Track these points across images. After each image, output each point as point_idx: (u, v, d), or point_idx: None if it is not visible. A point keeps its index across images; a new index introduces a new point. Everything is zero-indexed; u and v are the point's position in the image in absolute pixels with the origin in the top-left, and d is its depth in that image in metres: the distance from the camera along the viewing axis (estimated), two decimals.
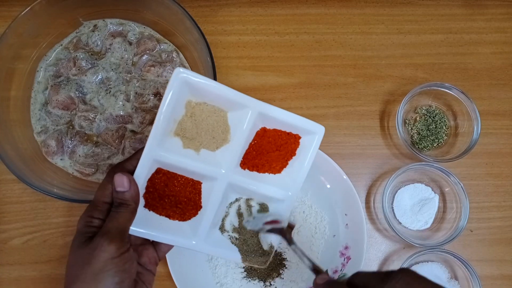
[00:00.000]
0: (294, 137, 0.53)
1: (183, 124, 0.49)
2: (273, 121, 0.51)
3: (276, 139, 0.53)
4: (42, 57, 0.66)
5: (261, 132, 0.52)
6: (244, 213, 0.54)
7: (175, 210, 0.51)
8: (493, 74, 0.73)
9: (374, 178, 0.69)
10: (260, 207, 0.54)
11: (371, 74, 0.72)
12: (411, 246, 0.67)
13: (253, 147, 0.52)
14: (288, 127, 0.52)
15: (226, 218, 0.54)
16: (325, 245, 0.66)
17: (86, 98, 0.65)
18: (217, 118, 0.50)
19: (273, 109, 0.50)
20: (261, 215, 0.55)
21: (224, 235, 0.54)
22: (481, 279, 0.63)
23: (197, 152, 0.50)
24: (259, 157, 0.53)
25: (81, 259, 0.42)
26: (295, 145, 0.53)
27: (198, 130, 0.50)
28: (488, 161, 0.70)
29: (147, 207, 0.50)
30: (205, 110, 0.49)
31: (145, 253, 0.49)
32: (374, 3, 0.74)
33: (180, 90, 0.46)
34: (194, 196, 0.52)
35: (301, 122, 0.52)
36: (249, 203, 0.54)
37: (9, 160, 0.57)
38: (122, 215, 0.45)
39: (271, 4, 0.73)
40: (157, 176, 0.50)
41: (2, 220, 0.66)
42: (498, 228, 0.69)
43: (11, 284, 0.64)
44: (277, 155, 0.53)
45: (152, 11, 0.66)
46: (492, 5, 0.75)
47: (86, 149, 0.63)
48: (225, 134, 0.51)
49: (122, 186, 0.45)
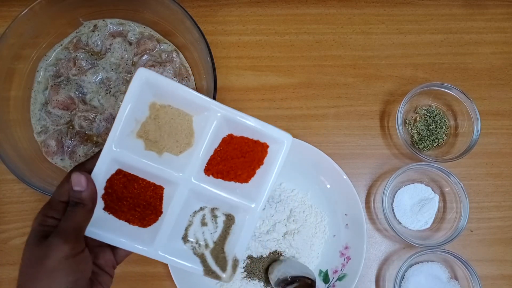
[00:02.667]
0: (262, 146, 0.51)
1: (146, 126, 0.49)
2: (240, 127, 0.50)
3: (242, 146, 0.51)
4: (42, 57, 0.66)
5: (227, 139, 0.51)
6: (209, 223, 0.52)
7: (133, 213, 0.50)
8: (493, 74, 0.73)
9: (374, 178, 0.69)
10: (226, 217, 0.52)
11: (371, 74, 0.72)
12: (411, 246, 0.67)
13: (218, 153, 0.51)
14: (256, 135, 0.50)
15: (189, 228, 0.52)
16: (325, 245, 0.66)
17: (86, 98, 0.65)
18: (181, 122, 0.49)
19: (238, 114, 0.49)
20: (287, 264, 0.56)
21: (187, 245, 0.51)
22: (481, 279, 0.63)
23: (159, 155, 0.49)
24: (223, 163, 0.51)
25: (34, 258, 0.41)
26: (263, 153, 0.51)
27: (162, 132, 0.49)
28: (488, 161, 0.70)
29: (106, 210, 0.49)
30: (169, 113, 0.49)
31: (102, 255, 0.48)
32: (374, 3, 0.74)
33: (142, 91, 0.46)
34: (155, 201, 0.50)
35: (268, 129, 0.50)
36: (214, 213, 0.52)
37: (9, 160, 0.57)
38: (78, 215, 0.44)
39: (271, 4, 0.73)
40: (117, 177, 0.49)
41: (2, 220, 0.66)
42: (498, 228, 0.69)
43: (11, 284, 0.64)
44: (242, 162, 0.51)
45: (152, 11, 0.66)
46: (492, 5, 0.75)
47: (86, 149, 0.63)
48: (189, 138, 0.50)
49: (79, 185, 0.45)
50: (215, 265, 0.51)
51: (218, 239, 0.52)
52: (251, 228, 0.51)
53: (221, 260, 0.51)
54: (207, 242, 0.52)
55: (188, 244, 0.51)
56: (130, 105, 0.46)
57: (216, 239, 0.52)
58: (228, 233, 0.52)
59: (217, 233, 0.52)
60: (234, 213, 0.52)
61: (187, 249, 0.51)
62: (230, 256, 0.51)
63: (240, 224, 0.51)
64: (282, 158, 0.50)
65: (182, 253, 0.51)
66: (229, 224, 0.52)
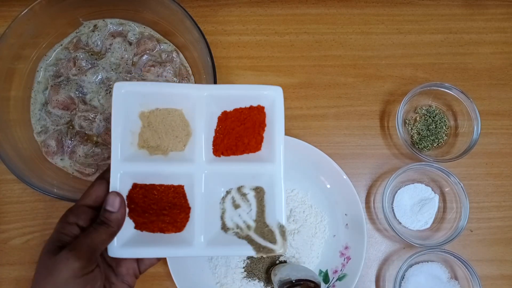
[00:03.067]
0: (257, 109, 0.51)
1: (143, 136, 0.49)
2: (229, 100, 0.50)
3: (238, 116, 0.51)
4: (42, 57, 0.66)
5: (222, 116, 0.51)
6: (241, 203, 0.51)
7: (163, 219, 0.49)
8: (493, 74, 0.73)
9: (374, 178, 0.69)
10: (255, 191, 0.51)
11: (371, 74, 0.72)
12: (411, 246, 0.67)
13: (218, 132, 0.51)
14: (247, 101, 0.50)
15: (224, 215, 0.51)
16: (325, 245, 0.66)
17: (86, 98, 0.65)
18: (173, 118, 0.50)
19: (222, 87, 0.50)
20: (292, 267, 0.55)
21: (229, 234, 0.50)
22: (481, 279, 0.63)
23: (165, 155, 0.50)
24: (227, 137, 0.51)
25: (46, 269, 0.41)
26: (261, 115, 0.51)
27: (159, 135, 0.50)
28: (488, 161, 0.70)
29: (138, 228, 0.49)
30: (159, 114, 0.50)
31: (124, 263, 0.48)
32: (374, 3, 0.74)
33: (125, 102, 0.47)
34: (179, 200, 0.50)
35: (254, 90, 0.50)
36: (241, 191, 0.51)
37: (9, 160, 0.57)
38: (99, 235, 0.43)
39: (271, 4, 0.73)
40: (134, 191, 0.49)
41: (2, 220, 0.66)
42: (498, 228, 0.69)
43: (11, 284, 0.64)
44: (244, 130, 0.51)
45: (152, 11, 0.66)
46: (492, 5, 0.75)
47: (86, 149, 0.63)
48: (186, 129, 0.50)
49: (112, 206, 0.45)
50: (264, 241, 0.50)
51: (257, 216, 0.51)
52: (281, 189, 0.50)
53: (268, 233, 0.50)
54: (248, 223, 0.51)
55: (230, 232, 0.50)
56: (119, 118, 0.47)
57: (255, 216, 0.51)
58: (263, 206, 0.51)
59: (253, 210, 0.51)
60: (260, 183, 0.51)
61: (230, 236, 0.50)
62: (275, 225, 0.50)
63: (270, 191, 0.50)
64: (281, 111, 0.50)
65: (227, 242, 0.50)
66: (260, 196, 0.51)
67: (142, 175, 0.49)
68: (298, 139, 0.64)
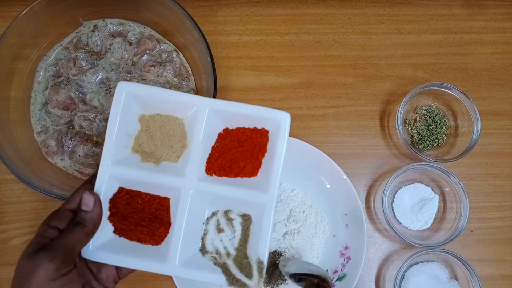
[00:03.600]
0: (260, 132, 0.48)
1: (139, 140, 0.48)
2: (233, 118, 0.48)
3: (239, 136, 0.48)
4: (42, 57, 0.66)
5: (223, 134, 0.49)
6: (225, 228, 0.49)
7: (141, 230, 0.48)
8: (493, 74, 0.73)
9: (374, 178, 0.69)
10: (242, 218, 0.49)
11: (371, 74, 0.72)
12: (411, 246, 0.67)
13: (215, 149, 0.49)
14: (251, 122, 0.48)
15: (205, 237, 0.49)
16: (325, 245, 0.66)
17: (86, 98, 0.65)
18: (172, 127, 0.48)
19: (228, 104, 0.47)
20: (301, 262, 0.54)
21: (206, 257, 0.48)
22: (481, 279, 0.63)
23: (157, 164, 0.48)
24: (222, 157, 0.48)
25: (23, 271, 0.41)
26: (263, 140, 0.48)
27: (155, 142, 0.48)
28: (488, 161, 0.70)
29: (116, 233, 0.48)
30: (159, 120, 0.48)
31: (104, 269, 0.47)
32: (374, 3, 0.74)
33: (126, 103, 0.46)
34: (162, 213, 0.48)
35: (262, 113, 0.47)
36: (228, 216, 0.49)
37: (9, 160, 0.57)
38: (75, 235, 0.43)
39: (271, 4, 0.73)
40: (119, 195, 0.48)
41: (2, 220, 0.66)
42: (498, 228, 0.69)
43: (11, 284, 0.64)
44: (241, 152, 0.48)
45: (152, 11, 0.66)
46: (492, 5, 0.75)
47: (86, 149, 0.63)
48: (183, 140, 0.48)
49: (87, 205, 0.44)
50: (240, 273, 0.47)
51: (239, 245, 0.48)
52: (269, 223, 0.47)
53: (246, 266, 0.47)
54: (228, 250, 0.48)
55: (207, 256, 0.48)
56: (118, 119, 0.46)
57: (237, 244, 0.48)
58: (248, 235, 0.48)
59: (236, 238, 0.48)
60: (249, 211, 0.48)
61: (206, 260, 0.48)
62: (254, 260, 0.47)
63: (258, 222, 0.48)
64: (285, 138, 0.47)
65: (202, 265, 0.47)
66: (246, 225, 0.49)
67: (130, 181, 0.48)
68: (298, 139, 0.64)
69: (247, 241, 0.48)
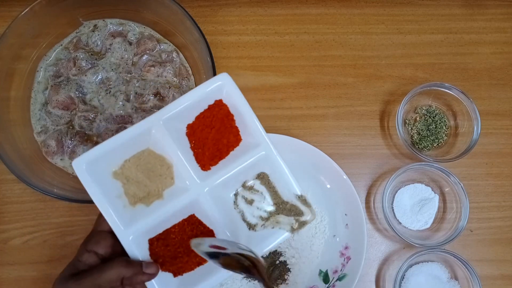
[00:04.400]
0: (215, 105, 0.49)
1: (129, 192, 0.48)
2: (185, 113, 0.48)
3: (203, 123, 0.49)
4: (42, 57, 0.66)
5: (189, 131, 0.49)
6: (253, 197, 0.51)
7: (194, 255, 0.48)
8: (493, 74, 0.73)
9: (374, 178, 0.69)
10: (259, 178, 0.51)
11: (371, 74, 0.72)
12: (411, 246, 0.66)
13: (194, 147, 0.49)
14: (203, 104, 0.49)
15: (245, 216, 0.51)
16: (325, 245, 0.66)
17: (86, 98, 0.65)
18: (146, 160, 0.48)
19: (169, 108, 0.47)
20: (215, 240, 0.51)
21: (258, 230, 0.50)
22: (481, 279, 0.63)
23: (161, 199, 0.48)
24: (206, 148, 0.49)
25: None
26: (223, 108, 0.49)
27: (144, 183, 0.48)
28: (488, 161, 0.70)
29: (178, 274, 0.48)
30: (131, 164, 0.48)
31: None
32: (374, 3, 0.74)
33: (94, 176, 0.46)
34: (198, 229, 0.49)
35: (202, 91, 0.48)
36: (247, 186, 0.51)
37: (9, 160, 0.57)
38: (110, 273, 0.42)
39: (271, 4, 0.73)
40: (154, 246, 0.48)
41: (2, 220, 0.66)
42: (498, 228, 0.69)
43: (11, 284, 0.64)
44: (215, 133, 0.49)
45: (152, 11, 0.66)
46: (492, 5, 0.75)
47: (86, 149, 0.63)
48: (165, 163, 0.49)
49: (147, 268, 0.44)
50: (291, 217, 0.50)
51: (273, 198, 0.51)
52: (280, 164, 0.50)
53: (291, 208, 0.50)
54: (269, 210, 0.51)
55: (258, 228, 0.50)
56: (98, 193, 0.45)
57: (271, 200, 0.51)
58: (273, 187, 0.51)
59: (267, 196, 0.51)
60: (260, 169, 0.50)
61: (260, 232, 0.50)
62: (294, 199, 0.50)
63: (272, 171, 0.50)
64: (237, 93, 0.49)
65: (260, 238, 0.49)
66: (266, 180, 0.51)
67: (152, 229, 0.48)
68: (298, 139, 0.64)
69: (277, 191, 0.51)
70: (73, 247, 0.65)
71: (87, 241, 0.44)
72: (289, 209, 0.50)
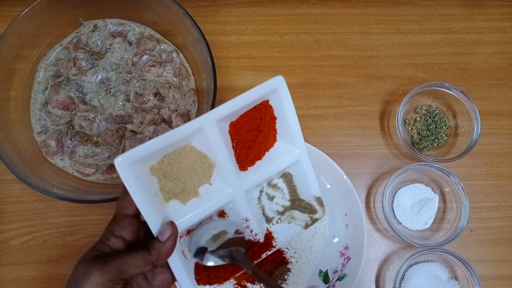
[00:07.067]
0: (263, 106, 0.49)
1: (165, 187, 0.46)
2: (234, 113, 0.47)
3: (249, 123, 0.49)
4: (42, 57, 0.66)
5: (232, 129, 0.48)
6: (275, 194, 0.53)
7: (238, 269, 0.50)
8: (493, 74, 0.73)
9: (374, 178, 0.69)
10: (283, 177, 0.53)
11: (371, 74, 0.72)
12: (411, 246, 0.66)
13: (236, 147, 0.49)
14: (251, 104, 0.48)
15: (265, 211, 0.53)
16: (325, 245, 0.66)
17: (86, 98, 0.65)
18: (188, 156, 0.47)
19: (225, 107, 0.45)
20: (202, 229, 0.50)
21: (274, 224, 0.53)
22: (481, 279, 0.63)
23: (197, 197, 0.48)
24: (250, 150, 0.49)
25: (77, 276, 0.41)
26: (269, 110, 0.49)
27: (182, 179, 0.47)
28: (488, 161, 0.70)
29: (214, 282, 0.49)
30: (172, 160, 0.46)
31: (161, 277, 0.47)
32: (374, 3, 0.74)
33: (134, 173, 0.42)
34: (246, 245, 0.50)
35: (261, 92, 0.47)
36: (272, 183, 0.53)
37: (9, 160, 0.57)
38: (135, 259, 0.42)
39: (271, 4, 0.73)
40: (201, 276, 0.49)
41: (2, 220, 0.66)
42: (498, 228, 0.69)
43: (11, 284, 0.64)
44: (258, 134, 0.49)
45: (152, 11, 0.66)
46: (492, 5, 0.75)
47: (86, 149, 0.63)
48: (206, 161, 0.47)
49: (162, 235, 0.43)
50: (305, 214, 0.54)
51: (291, 195, 0.54)
52: (310, 166, 0.52)
53: (306, 206, 0.54)
54: (285, 205, 0.54)
55: (274, 220, 0.53)
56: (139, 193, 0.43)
57: (289, 196, 0.54)
58: (294, 186, 0.53)
59: (286, 193, 0.54)
60: (285, 169, 0.53)
61: (281, 223, 0.53)
62: (311, 199, 0.54)
63: (298, 172, 0.53)
64: (287, 95, 0.48)
65: (280, 230, 0.53)
66: (288, 179, 0.53)
67: (189, 228, 0.48)
68: None
69: (296, 190, 0.54)
70: (73, 247, 0.65)
71: (114, 225, 0.43)
72: (304, 206, 0.54)
